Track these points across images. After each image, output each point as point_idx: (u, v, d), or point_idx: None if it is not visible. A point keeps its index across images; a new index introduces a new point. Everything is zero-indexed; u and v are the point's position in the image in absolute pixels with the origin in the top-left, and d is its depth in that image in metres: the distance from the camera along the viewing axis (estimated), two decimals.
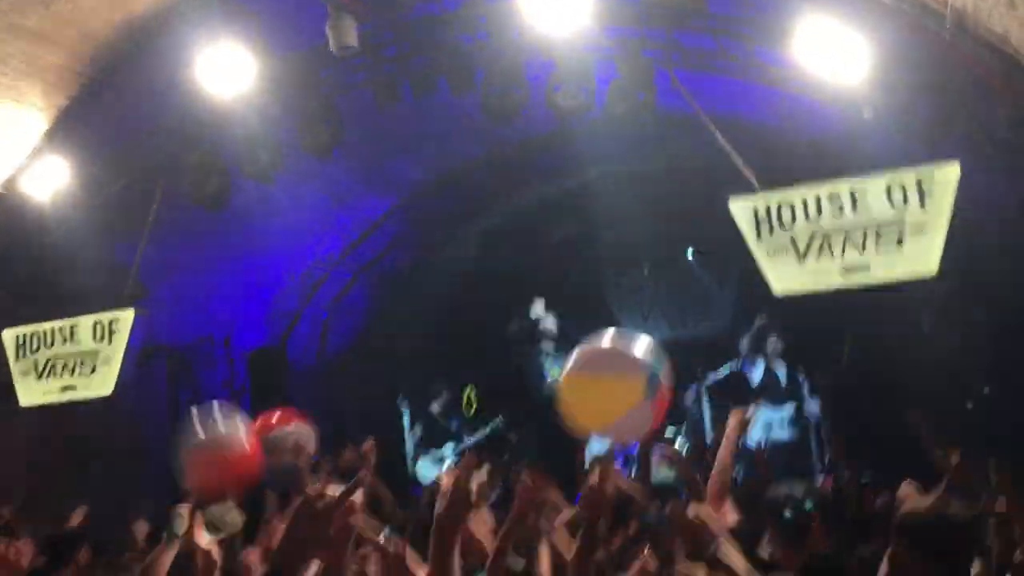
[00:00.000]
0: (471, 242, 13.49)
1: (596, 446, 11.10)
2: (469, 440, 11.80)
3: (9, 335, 8.25)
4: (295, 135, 7.89)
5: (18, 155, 8.29)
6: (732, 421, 4.61)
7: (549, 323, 11.06)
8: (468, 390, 12.84)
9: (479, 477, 3.48)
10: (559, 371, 10.69)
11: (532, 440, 10.90)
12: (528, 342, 10.90)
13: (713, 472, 4.45)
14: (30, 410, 8.38)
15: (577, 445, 9.64)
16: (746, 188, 6.88)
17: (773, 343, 10.66)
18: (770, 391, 10.65)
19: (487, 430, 11.89)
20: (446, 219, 12.63)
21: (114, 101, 8.12)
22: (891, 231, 6.29)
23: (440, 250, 13.32)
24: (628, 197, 11.41)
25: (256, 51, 7.42)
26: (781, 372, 10.69)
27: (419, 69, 7.84)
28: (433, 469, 11.75)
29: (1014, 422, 7.81)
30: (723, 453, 4.48)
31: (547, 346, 10.93)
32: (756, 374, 10.81)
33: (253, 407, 11.58)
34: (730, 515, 4.46)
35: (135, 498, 6.02)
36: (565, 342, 11.43)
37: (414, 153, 10.57)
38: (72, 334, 7.95)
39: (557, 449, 8.76)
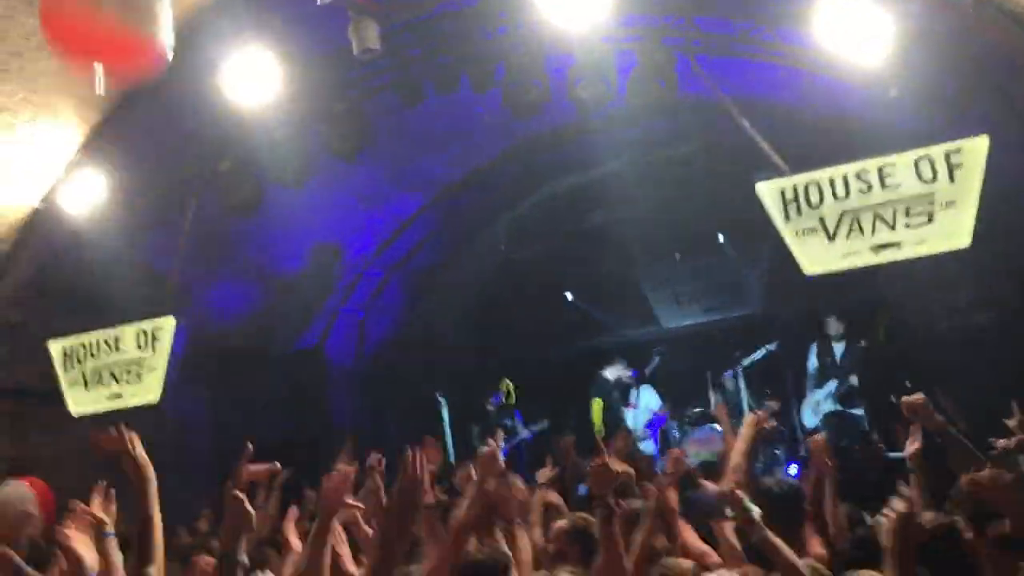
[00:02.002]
0: (502, 236, 13.56)
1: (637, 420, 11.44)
2: (516, 438, 11.99)
3: (56, 347, 8.46)
4: (323, 139, 7.99)
5: (55, 170, 8.49)
6: (748, 422, 4.60)
7: (625, 378, 11.66)
8: (505, 382, 12.95)
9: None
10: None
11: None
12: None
13: (728, 473, 4.47)
14: (81, 419, 8.60)
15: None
16: (773, 170, 6.88)
17: (833, 324, 10.61)
18: (823, 372, 10.66)
19: (532, 429, 12.13)
20: (476, 214, 12.72)
21: (146, 114, 8.26)
22: (921, 207, 6.25)
23: (471, 245, 13.41)
24: (656, 184, 11.42)
25: (282, 58, 7.50)
26: (839, 351, 10.65)
27: (441, 68, 7.92)
28: None
29: None
30: (735, 455, 4.48)
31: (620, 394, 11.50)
32: (811, 358, 10.81)
33: (295, 408, 11.79)
34: None
35: (177, 503, 6.14)
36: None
37: (441, 151, 10.65)
38: (117, 343, 8.13)
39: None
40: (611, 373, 11.79)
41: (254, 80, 7.48)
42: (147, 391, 7.97)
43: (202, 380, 10.64)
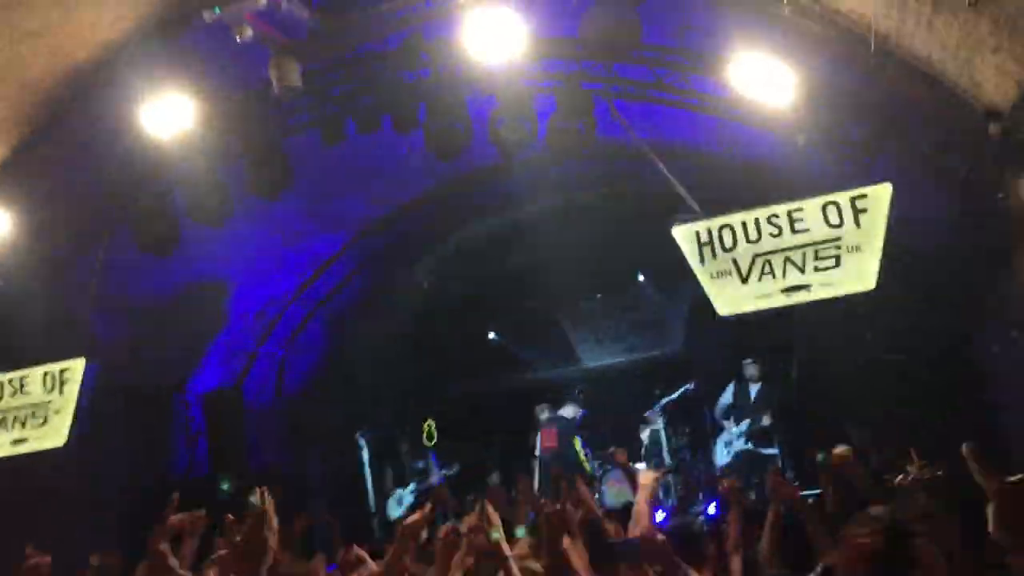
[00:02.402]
0: (424, 276, 13.55)
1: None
2: (426, 482, 11.97)
3: None
4: (243, 177, 7.90)
5: None
6: (643, 483, 4.61)
7: (577, 416, 11.78)
8: (427, 423, 12.89)
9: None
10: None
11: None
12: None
13: (635, 520, 4.46)
14: None
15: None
16: (690, 213, 7.03)
17: (750, 368, 10.85)
18: (737, 411, 10.89)
19: (444, 473, 12.12)
20: (398, 254, 12.68)
21: (58, 151, 8.06)
22: (829, 250, 6.47)
23: (393, 285, 13.35)
24: (578, 225, 11.57)
25: (200, 96, 7.42)
26: (755, 391, 10.88)
27: (363, 107, 7.92)
28: (396, 510, 11.98)
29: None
30: (638, 510, 4.46)
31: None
32: (724, 396, 11.02)
33: (210, 449, 11.50)
34: None
35: (87, 548, 5.95)
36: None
37: (364, 190, 10.62)
38: (22, 386, 7.84)
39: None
40: (568, 412, 11.85)
41: (172, 118, 7.36)
42: (54, 435, 7.70)
43: (112, 421, 10.32)
